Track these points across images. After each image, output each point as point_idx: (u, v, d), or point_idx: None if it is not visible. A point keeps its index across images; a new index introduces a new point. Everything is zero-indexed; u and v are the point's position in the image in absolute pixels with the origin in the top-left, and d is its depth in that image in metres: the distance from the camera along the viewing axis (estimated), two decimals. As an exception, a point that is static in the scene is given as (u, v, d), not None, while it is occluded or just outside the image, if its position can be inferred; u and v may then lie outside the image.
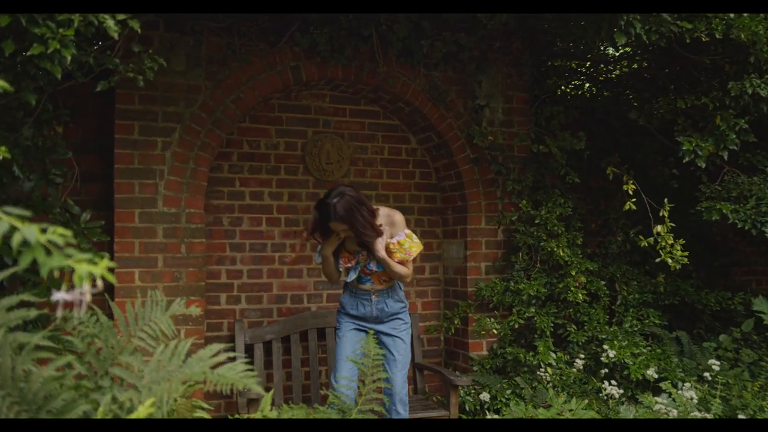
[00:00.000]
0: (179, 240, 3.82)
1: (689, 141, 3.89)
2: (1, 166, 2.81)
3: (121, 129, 3.72)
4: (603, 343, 4.33)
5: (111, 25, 2.28)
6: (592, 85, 5.67)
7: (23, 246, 1.05)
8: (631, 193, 4.32)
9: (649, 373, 4.08)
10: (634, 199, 4.30)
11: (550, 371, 4.15)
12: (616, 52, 5.35)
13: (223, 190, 4.31)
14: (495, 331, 4.37)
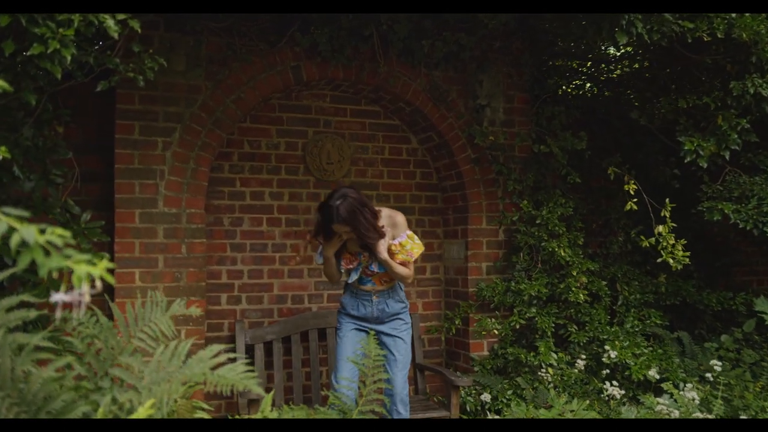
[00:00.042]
0: (180, 240, 3.81)
1: (691, 141, 3.88)
2: (1, 167, 2.81)
3: (121, 129, 3.72)
4: (604, 343, 4.32)
5: (111, 24, 2.28)
6: (593, 85, 5.66)
7: (22, 246, 1.04)
8: (632, 193, 4.31)
9: (650, 373, 4.07)
10: (635, 199, 4.29)
11: (552, 372, 4.14)
12: (617, 52, 5.34)
13: (224, 190, 4.30)
14: (496, 331, 4.36)
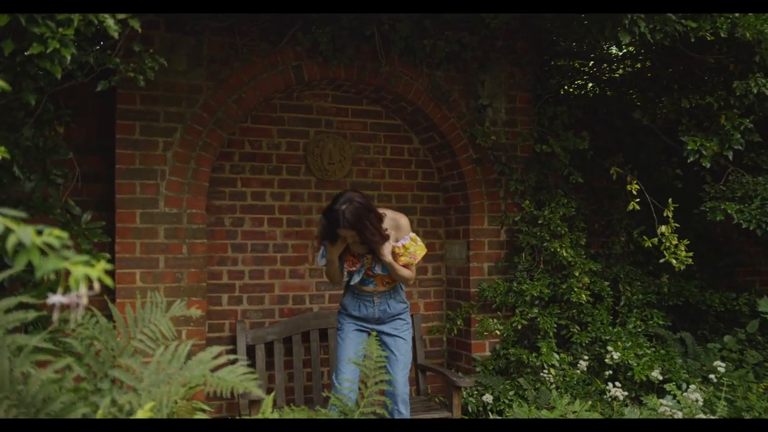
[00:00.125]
0: (181, 240, 3.80)
1: (694, 141, 3.86)
2: (2, 167, 2.80)
3: (122, 129, 3.71)
4: (607, 344, 4.30)
5: (111, 24, 2.27)
6: (596, 85, 5.64)
7: (20, 248, 1.03)
8: (634, 193, 4.29)
9: (653, 374, 4.05)
10: (637, 200, 4.27)
11: (554, 372, 4.13)
12: (620, 52, 5.32)
13: (225, 190, 4.29)
14: (498, 332, 4.35)
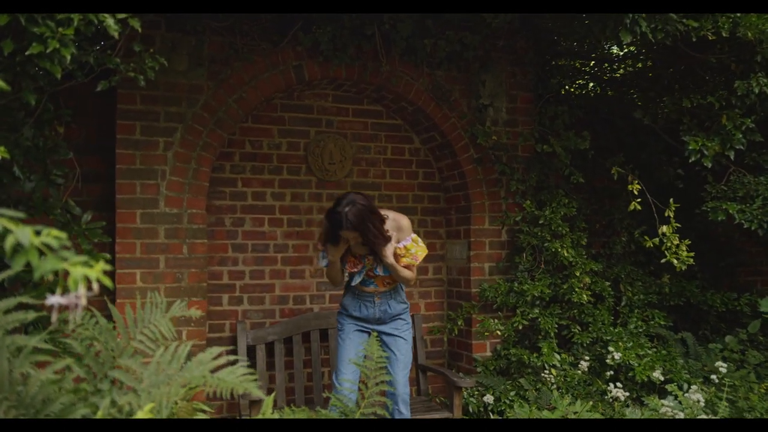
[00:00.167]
0: (181, 241, 3.80)
1: (695, 140, 3.85)
2: (2, 167, 2.80)
3: (122, 129, 3.71)
4: (608, 344, 4.29)
5: (111, 24, 2.26)
6: (597, 85, 5.64)
7: (18, 248, 1.02)
8: (635, 193, 4.28)
9: (654, 375, 4.04)
10: (639, 199, 4.26)
11: (555, 373, 4.12)
12: (621, 51, 5.31)
13: (225, 190, 4.29)
14: (499, 332, 4.34)
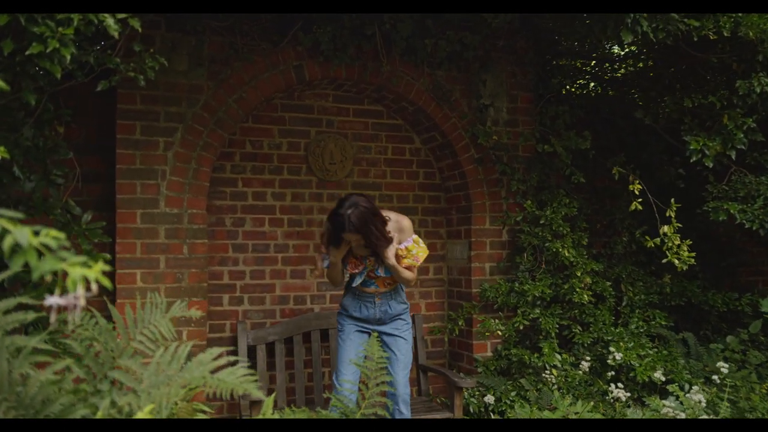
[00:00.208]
0: (181, 241, 3.79)
1: (696, 140, 3.84)
2: (2, 167, 2.79)
3: (122, 129, 3.70)
4: (609, 344, 4.28)
5: (111, 23, 2.26)
6: (598, 84, 5.63)
7: (17, 248, 1.02)
8: (637, 193, 4.27)
9: (656, 375, 4.03)
10: (640, 199, 4.26)
11: (556, 373, 4.11)
12: (622, 51, 5.31)
13: (226, 190, 4.28)
14: (499, 332, 4.33)
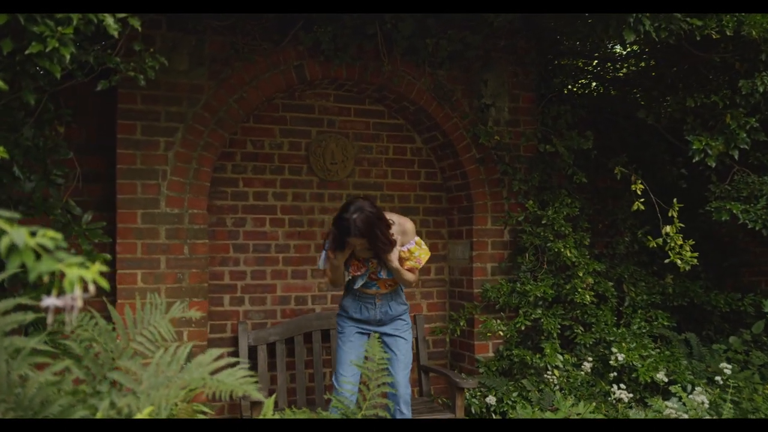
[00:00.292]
0: (182, 241, 3.78)
1: (699, 140, 3.83)
2: (2, 167, 2.78)
3: (123, 129, 3.69)
4: (611, 345, 4.27)
5: (111, 23, 2.25)
6: (600, 84, 5.61)
7: (14, 249, 1.01)
8: (639, 193, 4.26)
9: (658, 376, 4.02)
10: (642, 199, 4.24)
11: (557, 374, 4.10)
12: (624, 51, 5.29)
13: (227, 190, 4.27)
14: (501, 332, 4.32)
